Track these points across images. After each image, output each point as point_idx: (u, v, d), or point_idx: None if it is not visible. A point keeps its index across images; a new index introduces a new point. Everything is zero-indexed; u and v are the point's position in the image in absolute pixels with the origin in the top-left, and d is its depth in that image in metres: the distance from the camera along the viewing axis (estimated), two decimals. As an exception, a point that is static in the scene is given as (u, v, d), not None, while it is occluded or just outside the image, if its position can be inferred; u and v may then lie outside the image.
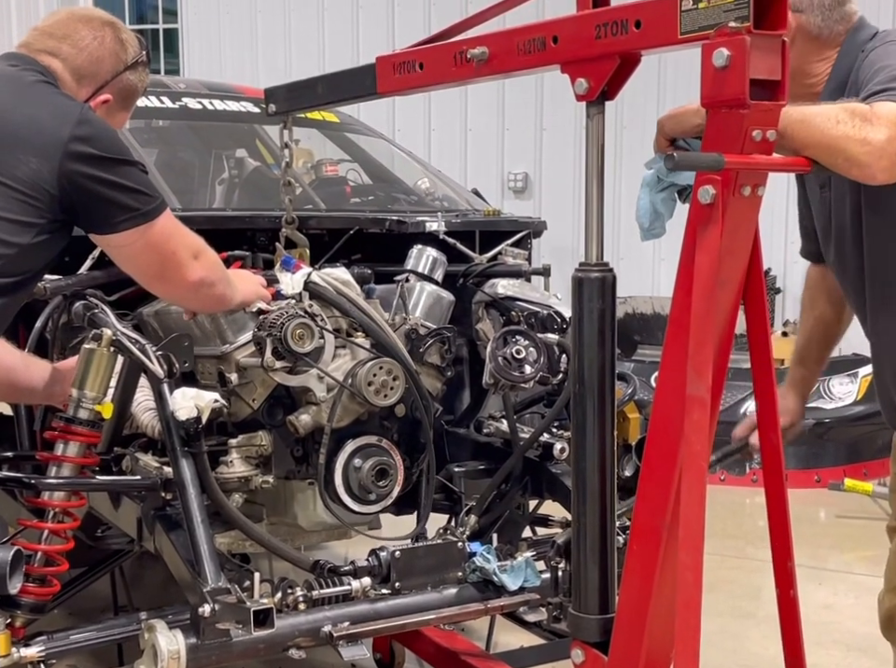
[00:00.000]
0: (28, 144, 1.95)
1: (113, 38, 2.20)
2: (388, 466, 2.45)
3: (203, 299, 2.28)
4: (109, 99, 2.20)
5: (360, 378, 2.40)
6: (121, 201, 2.01)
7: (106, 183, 1.99)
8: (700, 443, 1.63)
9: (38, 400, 2.46)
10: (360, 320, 2.49)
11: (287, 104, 2.59)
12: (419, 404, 2.48)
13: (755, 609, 3.92)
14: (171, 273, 2.16)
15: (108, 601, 2.99)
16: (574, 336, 1.83)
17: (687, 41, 1.58)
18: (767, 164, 1.63)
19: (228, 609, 2.05)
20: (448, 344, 2.66)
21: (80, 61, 2.16)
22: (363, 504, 2.45)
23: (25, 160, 1.94)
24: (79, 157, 1.96)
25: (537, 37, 1.78)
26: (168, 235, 2.10)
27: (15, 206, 1.94)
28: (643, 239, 1.99)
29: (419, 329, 2.64)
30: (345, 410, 2.43)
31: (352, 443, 2.44)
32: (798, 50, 2.10)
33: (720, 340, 1.70)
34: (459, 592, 2.37)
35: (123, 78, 2.22)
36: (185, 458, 2.20)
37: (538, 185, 7.87)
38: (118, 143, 2.05)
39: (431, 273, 2.83)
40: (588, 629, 1.87)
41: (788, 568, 1.87)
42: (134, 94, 2.29)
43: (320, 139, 4.16)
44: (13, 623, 2.12)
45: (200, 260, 2.17)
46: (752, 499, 5.22)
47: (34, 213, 1.96)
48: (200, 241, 2.21)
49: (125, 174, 2.01)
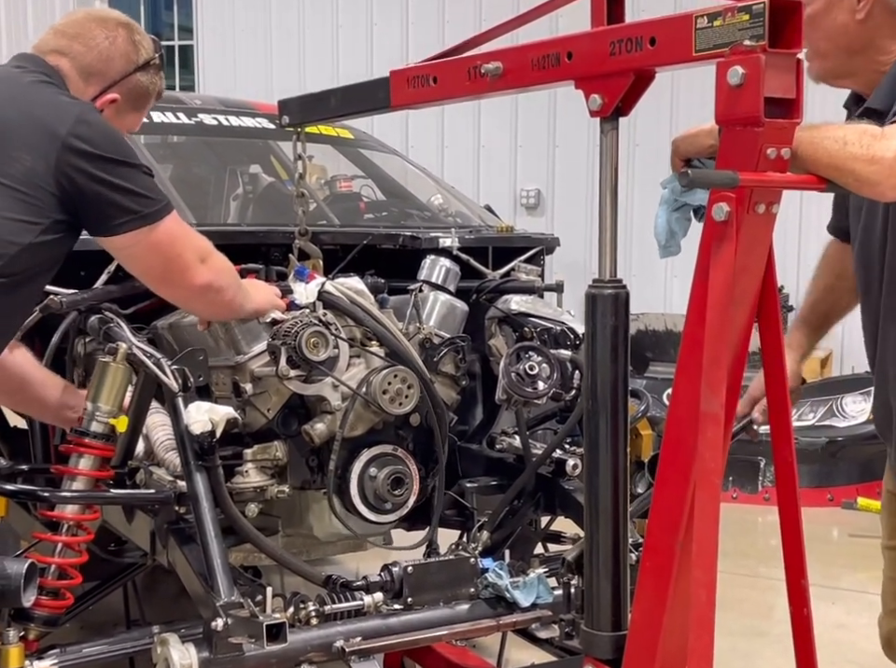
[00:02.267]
0: (23, 141, 1.93)
1: (125, 39, 2.19)
2: (404, 475, 2.45)
3: (211, 304, 2.27)
4: (117, 98, 2.18)
5: (375, 386, 2.40)
6: (120, 203, 1.99)
7: (105, 183, 1.96)
8: (714, 460, 1.63)
9: (47, 419, 2.48)
10: (374, 329, 2.49)
11: (301, 116, 2.61)
12: (433, 413, 2.48)
13: (768, 628, 3.90)
14: (176, 276, 2.14)
15: (121, 614, 2.99)
16: (587, 352, 1.83)
17: (702, 59, 1.59)
18: (781, 182, 1.63)
19: (240, 623, 2.05)
20: (462, 353, 2.66)
21: (89, 59, 2.15)
22: (379, 513, 2.45)
23: (19, 158, 1.92)
24: (76, 154, 1.93)
25: (551, 53, 1.79)
26: (172, 238, 2.08)
27: (13, 205, 1.92)
28: (661, 256, 2.00)
29: (433, 339, 2.64)
30: (360, 419, 2.44)
31: (367, 452, 2.44)
32: (875, 23, 2.03)
33: (734, 357, 1.70)
34: (471, 608, 2.37)
35: (133, 79, 2.20)
36: (198, 472, 2.20)
37: (550, 201, 7.88)
38: (119, 143, 2.02)
39: (444, 283, 2.84)
40: (600, 646, 1.86)
41: (801, 586, 1.87)
42: (145, 96, 2.26)
43: (334, 155, 4.18)
44: (27, 636, 2.13)
45: (207, 264, 2.15)
46: (765, 518, 5.20)
47: (34, 212, 1.94)
48: (208, 244, 2.19)
49: (124, 175, 1.98)
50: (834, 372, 6.83)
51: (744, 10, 1.53)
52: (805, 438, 5.32)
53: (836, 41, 2.10)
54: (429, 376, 2.52)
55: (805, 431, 5.41)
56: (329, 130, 3.91)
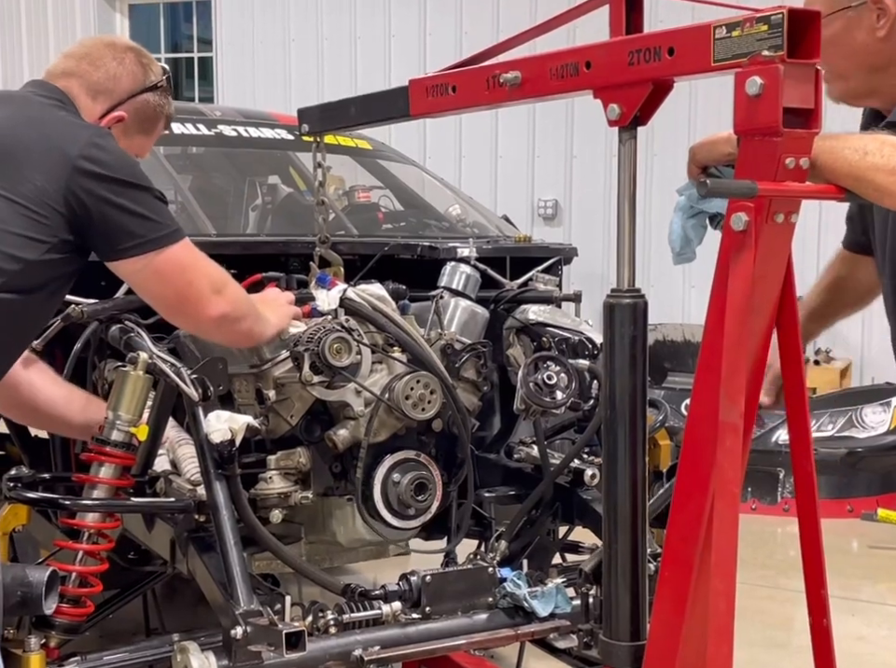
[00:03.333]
0: (35, 162, 1.94)
1: (134, 61, 2.20)
2: (427, 481, 2.46)
3: (228, 335, 2.26)
4: (124, 117, 2.18)
5: (398, 392, 2.41)
6: (126, 226, 1.97)
7: (112, 205, 1.96)
8: (732, 470, 1.63)
9: (74, 435, 2.49)
10: (396, 335, 2.50)
11: (320, 124, 2.62)
12: (456, 418, 2.49)
13: (787, 640, 3.88)
14: (188, 307, 2.12)
15: (141, 623, 3.00)
16: (605, 362, 1.83)
17: (720, 69, 1.59)
18: (800, 192, 1.63)
19: (260, 632, 2.06)
20: (484, 359, 2.67)
21: (97, 77, 2.16)
22: (403, 519, 2.45)
23: (31, 178, 1.92)
24: (86, 175, 1.94)
25: (570, 62, 1.80)
26: (181, 266, 2.05)
27: (20, 221, 1.92)
28: (675, 263, 2.01)
29: (455, 344, 2.65)
30: (383, 425, 2.44)
31: (390, 458, 2.45)
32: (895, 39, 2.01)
33: (752, 366, 1.70)
34: (490, 618, 2.37)
35: (141, 99, 2.20)
36: (218, 481, 2.21)
37: (567, 212, 7.87)
38: (130, 166, 2.01)
39: (465, 290, 2.84)
40: (619, 656, 1.86)
41: (821, 597, 1.86)
42: (153, 118, 2.26)
43: (353, 166, 4.20)
44: (48, 644, 2.14)
45: (223, 295, 2.12)
46: (784, 528, 5.18)
47: (41, 230, 1.93)
48: (223, 274, 2.17)
49: (133, 198, 1.97)
50: (854, 383, 6.80)
51: (762, 21, 1.54)
52: (825, 448, 5.29)
53: (857, 61, 2.08)
54: (451, 382, 2.52)
55: (825, 442, 5.38)
56: (348, 141, 3.93)
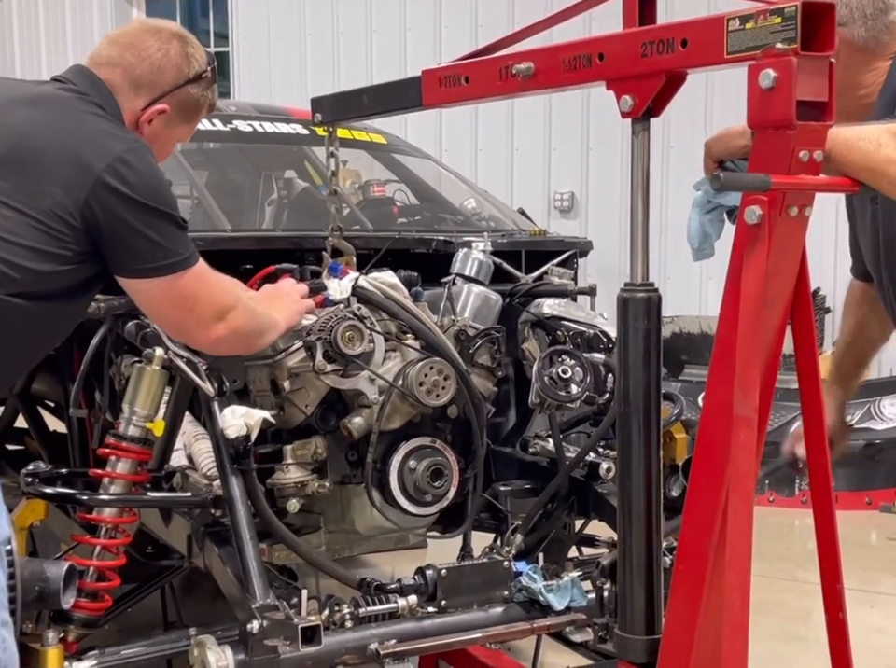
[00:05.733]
0: (57, 174, 1.90)
1: (178, 51, 2.16)
2: (443, 467, 2.45)
3: (226, 352, 2.24)
4: (166, 109, 2.15)
5: (411, 378, 2.41)
6: (137, 249, 1.95)
7: (127, 225, 1.93)
8: (747, 463, 1.63)
9: None
10: (409, 322, 2.49)
11: (333, 113, 2.62)
12: (470, 404, 2.49)
13: (805, 633, 3.87)
14: (188, 331, 2.14)
15: (158, 617, 3.02)
16: (619, 356, 1.83)
17: (733, 61, 1.59)
18: (814, 185, 1.62)
19: (276, 626, 2.07)
20: (498, 345, 2.66)
21: (140, 70, 2.13)
22: (419, 505, 2.45)
23: (50, 191, 1.89)
24: (107, 190, 1.90)
25: (583, 54, 1.80)
26: (185, 295, 2.03)
27: (34, 235, 1.89)
28: (694, 259, 2.00)
29: (468, 330, 2.64)
30: (398, 412, 2.44)
31: (406, 445, 2.45)
32: (844, 63, 2.06)
33: (767, 360, 1.70)
34: (505, 611, 2.37)
35: (184, 91, 2.17)
36: (234, 475, 2.22)
37: (584, 204, 7.86)
38: (154, 188, 1.96)
39: (478, 276, 2.84)
40: (634, 650, 1.86)
41: (836, 590, 1.86)
42: (196, 109, 2.23)
43: (368, 160, 4.20)
44: (66, 638, 2.16)
45: (225, 321, 2.08)
46: (802, 521, 5.15)
47: (56, 243, 1.91)
48: (231, 299, 2.12)
49: (148, 223, 1.93)
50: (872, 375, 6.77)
51: (776, 13, 1.53)
52: (843, 440, 5.26)
53: None
54: (465, 367, 2.52)
55: (843, 434, 5.35)
56: (363, 135, 3.93)
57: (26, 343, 2.01)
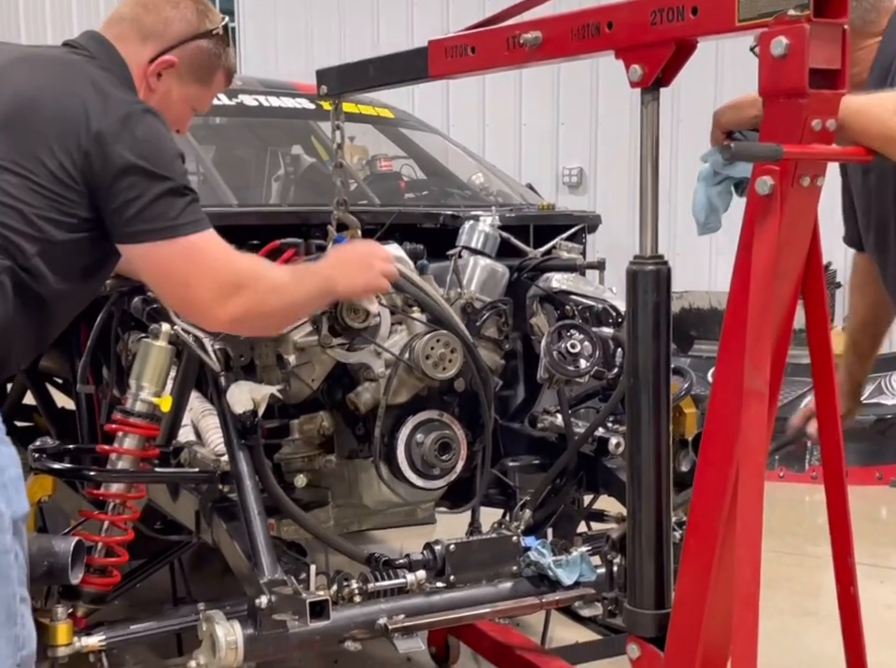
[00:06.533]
0: (59, 137, 1.86)
1: (190, 7, 2.12)
2: (451, 440, 2.44)
3: (252, 331, 2.18)
4: (174, 62, 2.09)
5: (418, 351, 2.40)
6: (132, 211, 1.88)
7: (124, 186, 1.87)
8: (757, 438, 1.61)
9: None
10: (415, 295, 2.46)
11: (339, 85, 2.58)
12: (477, 377, 2.48)
13: (815, 607, 3.87)
14: (190, 309, 2.04)
15: (167, 592, 3.03)
16: (628, 329, 1.82)
17: (745, 28, 1.56)
18: (826, 154, 1.60)
19: (284, 601, 2.07)
20: (505, 317, 2.64)
21: (148, 20, 2.08)
22: (427, 479, 2.44)
23: (51, 155, 1.85)
24: (106, 151, 1.85)
25: (591, 22, 1.76)
26: (181, 264, 1.93)
27: (41, 202, 1.86)
28: (699, 233, 1.97)
29: (475, 303, 2.63)
30: (404, 385, 2.43)
31: (413, 419, 2.44)
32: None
33: (778, 333, 1.68)
34: (514, 587, 2.37)
35: (194, 45, 2.11)
36: (242, 451, 2.22)
37: (592, 180, 7.81)
38: (156, 153, 1.90)
39: (484, 248, 2.82)
40: (644, 624, 1.86)
41: (848, 564, 1.85)
42: (209, 67, 2.16)
43: (375, 135, 4.17)
44: (75, 613, 2.17)
45: (235, 300, 1.95)
46: (812, 496, 5.15)
47: (62, 211, 1.88)
48: (239, 277, 1.98)
49: (145, 186, 1.87)
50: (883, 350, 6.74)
51: (788, -21, 1.50)
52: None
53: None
54: (472, 340, 2.51)
55: (854, 409, 5.33)
56: (370, 109, 3.91)
57: (43, 316, 1.97)
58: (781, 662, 3.32)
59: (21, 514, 1.78)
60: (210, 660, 2.06)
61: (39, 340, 2.03)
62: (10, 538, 1.75)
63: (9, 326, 1.87)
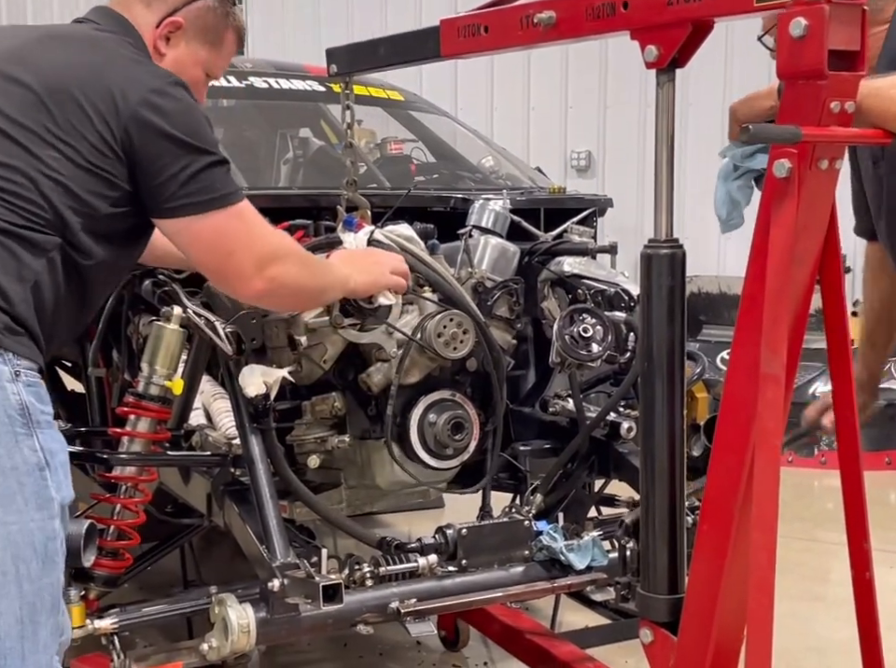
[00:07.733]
0: (97, 112, 1.84)
1: None
2: (463, 420, 2.43)
3: (281, 305, 2.21)
4: (181, 23, 2.05)
5: (429, 331, 2.38)
6: (170, 184, 1.87)
7: (161, 159, 1.86)
8: (774, 421, 1.60)
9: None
10: (426, 274, 2.45)
11: (349, 65, 2.56)
12: (489, 356, 2.47)
13: (825, 592, 3.87)
14: (226, 280, 2.04)
15: (179, 575, 3.03)
16: (643, 313, 1.81)
17: (763, 9, 1.54)
18: (846, 136, 1.59)
19: (297, 584, 2.07)
20: (516, 296, 2.63)
21: None
22: (440, 459, 2.43)
23: (92, 129, 1.84)
24: (143, 124, 1.84)
25: (607, 2, 1.74)
26: (223, 235, 1.93)
27: (80, 177, 1.84)
28: (723, 231, 1.96)
29: (486, 282, 2.62)
30: (416, 365, 2.41)
31: (425, 399, 2.42)
32: None
33: (794, 317, 1.67)
34: (525, 571, 2.37)
35: (199, 5, 2.07)
36: (253, 434, 2.22)
37: (601, 163, 7.78)
38: (190, 123, 1.89)
39: (494, 227, 2.80)
40: (657, 609, 1.85)
41: (863, 550, 1.84)
42: (217, 28, 2.11)
43: (384, 118, 4.15)
44: (87, 596, 2.17)
45: (266, 271, 1.97)
46: (821, 481, 5.14)
47: (104, 185, 1.86)
48: (275, 249, 2.01)
49: (184, 157, 1.87)
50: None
51: (808, -41, 1.49)
52: (863, 400, 5.24)
53: None
54: (484, 319, 2.50)
55: (863, 394, 5.32)
56: (380, 92, 3.89)
57: (86, 294, 1.95)
58: (791, 647, 3.32)
59: (69, 500, 1.79)
60: (222, 642, 2.06)
61: (79, 321, 2.01)
62: (58, 524, 1.76)
63: (60, 302, 1.85)
